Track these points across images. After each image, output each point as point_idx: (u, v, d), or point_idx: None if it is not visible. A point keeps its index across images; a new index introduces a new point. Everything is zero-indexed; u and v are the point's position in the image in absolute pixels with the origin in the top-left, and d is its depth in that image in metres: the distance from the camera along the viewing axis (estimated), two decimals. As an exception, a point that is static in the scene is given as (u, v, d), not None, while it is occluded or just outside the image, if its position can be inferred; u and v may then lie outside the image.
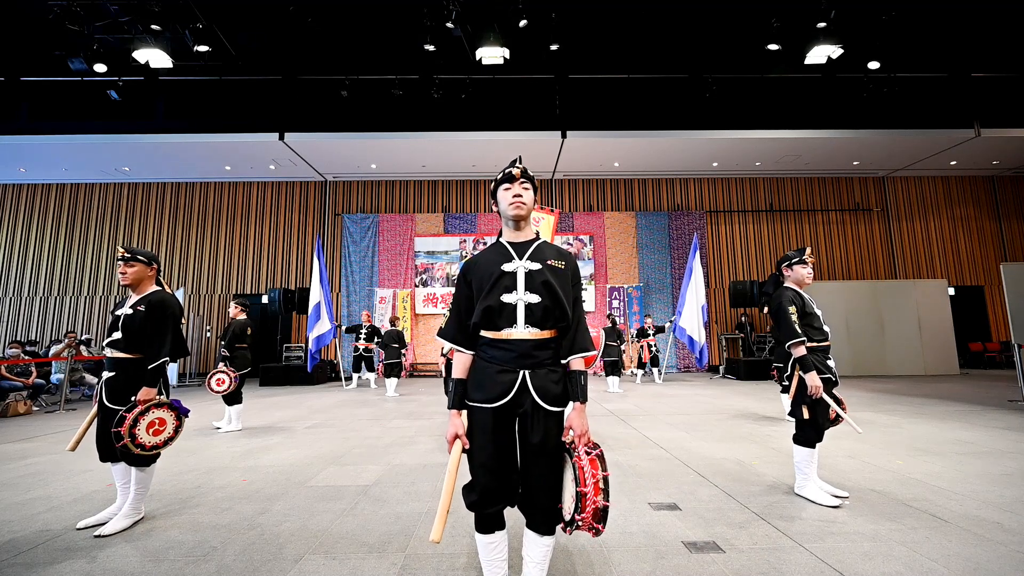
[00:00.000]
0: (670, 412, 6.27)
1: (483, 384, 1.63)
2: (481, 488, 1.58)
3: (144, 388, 2.60)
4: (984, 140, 10.98)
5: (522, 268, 1.69)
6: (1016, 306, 6.70)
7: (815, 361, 2.87)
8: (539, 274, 1.67)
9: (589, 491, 1.44)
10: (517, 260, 1.71)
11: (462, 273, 1.77)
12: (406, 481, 3.38)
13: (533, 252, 1.73)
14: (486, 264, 1.73)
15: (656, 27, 9.45)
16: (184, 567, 2.15)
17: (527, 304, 1.64)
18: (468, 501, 1.61)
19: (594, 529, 1.48)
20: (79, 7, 7.78)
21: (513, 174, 1.71)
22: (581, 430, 1.58)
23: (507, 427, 1.62)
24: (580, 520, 1.47)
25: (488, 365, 1.65)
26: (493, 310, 1.65)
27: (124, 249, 2.77)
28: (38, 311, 12.75)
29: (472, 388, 1.66)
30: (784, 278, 3.14)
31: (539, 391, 1.60)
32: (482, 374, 1.65)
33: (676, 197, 13.45)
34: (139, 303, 2.71)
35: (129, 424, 2.49)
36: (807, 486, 2.88)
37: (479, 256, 1.78)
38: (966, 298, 13.06)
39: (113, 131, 10.47)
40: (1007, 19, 9.12)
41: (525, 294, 1.65)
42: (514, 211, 1.71)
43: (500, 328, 1.65)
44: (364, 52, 9.95)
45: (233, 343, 5.58)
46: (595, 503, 1.45)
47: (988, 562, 2.08)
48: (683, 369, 12.58)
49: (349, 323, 11.99)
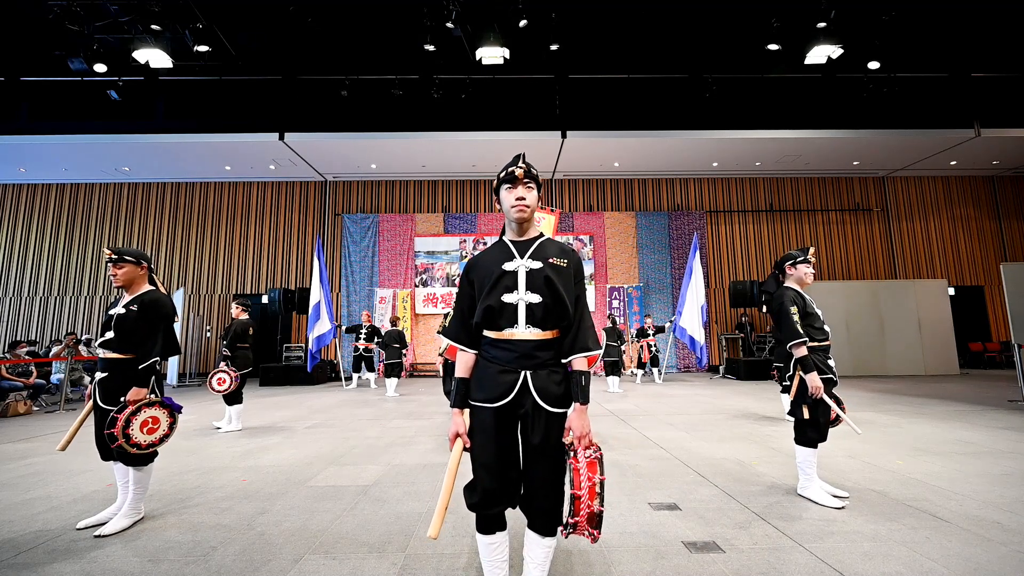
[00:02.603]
0: (670, 412, 6.27)
1: (485, 384, 1.62)
2: (482, 489, 1.57)
3: (134, 388, 2.59)
4: (984, 140, 10.98)
5: (523, 267, 1.66)
6: (1016, 306, 6.70)
7: (816, 361, 2.87)
8: (540, 272, 1.64)
9: (583, 494, 1.42)
10: (518, 259, 1.68)
11: (464, 272, 1.76)
12: (406, 481, 3.38)
13: (535, 250, 1.70)
14: (488, 263, 1.71)
15: (656, 27, 9.45)
16: (184, 567, 2.15)
17: (528, 304, 1.62)
18: (469, 502, 1.59)
19: (590, 535, 1.47)
20: (79, 7, 7.78)
21: (516, 174, 1.64)
22: (581, 432, 1.55)
23: (509, 427, 1.61)
24: (574, 523, 1.46)
25: (490, 365, 1.64)
26: (494, 310, 1.63)
27: (110, 250, 2.73)
28: (38, 311, 12.75)
29: (474, 387, 1.65)
30: (786, 277, 3.13)
31: (540, 392, 1.57)
32: (484, 373, 1.64)
33: (676, 197, 13.45)
34: (132, 303, 2.69)
35: (121, 425, 2.48)
36: (810, 487, 2.87)
37: (481, 255, 1.76)
38: (966, 298, 13.06)
39: (113, 131, 10.47)
40: (1007, 19, 9.12)
41: (526, 293, 1.63)
42: (517, 214, 1.67)
43: (501, 328, 1.63)
44: (364, 52, 9.95)
45: (235, 343, 5.58)
46: (589, 507, 1.43)
47: (988, 562, 2.08)
48: (683, 369, 12.57)
49: (349, 323, 11.99)
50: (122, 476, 2.65)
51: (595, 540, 1.49)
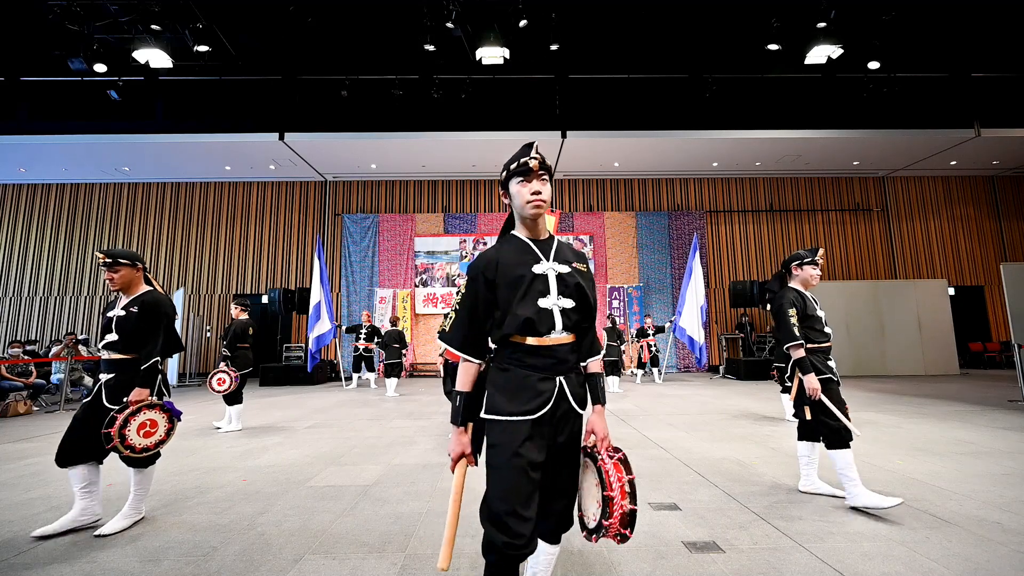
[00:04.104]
0: (670, 412, 6.27)
1: (523, 394, 1.45)
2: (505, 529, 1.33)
3: (137, 389, 2.58)
4: (984, 140, 10.98)
5: (552, 270, 1.54)
6: (1016, 306, 6.70)
7: (815, 362, 2.87)
8: (570, 277, 1.55)
9: (616, 495, 1.40)
10: (545, 261, 1.54)
11: (479, 271, 1.53)
12: (406, 481, 3.38)
13: (556, 253, 1.58)
14: (511, 264, 1.52)
15: (656, 27, 9.45)
16: (184, 567, 2.15)
17: (562, 309, 1.52)
18: (489, 557, 1.37)
19: (621, 536, 1.42)
20: (79, 7, 7.78)
21: (530, 166, 1.49)
22: (603, 433, 1.52)
23: (541, 439, 1.46)
24: (608, 526, 1.41)
25: (529, 374, 1.48)
26: (533, 318, 1.48)
27: (103, 254, 2.66)
28: (38, 311, 12.75)
29: (504, 400, 1.45)
30: (791, 277, 3.11)
31: (574, 396, 1.52)
32: (521, 384, 1.47)
33: (676, 197, 13.45)
34: (132, 304, 2.68)
35: (119, 425, 2.46)
36: (859, 493, 2.65)
37: (497, 255, 1.55)
38: (966, 298, 13.06)
39: (113, 131, 10.47)
40: (1007, 19, 9.12)
41: (559, 299, 1.51)
42: (533, 210, 1.52)
43: (541, 335, 1.49)
44: (364, 52, 9.95)
45: (235, 343, 5.58)
46: (622, 507, 1.40)
47: (988, 562, 2.08)
48: (683, 369, 12.57)
49: (349, 323, 11.99)
50: (80, 481, 2.55)
51: (624, 540, 1.43)
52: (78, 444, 2.53)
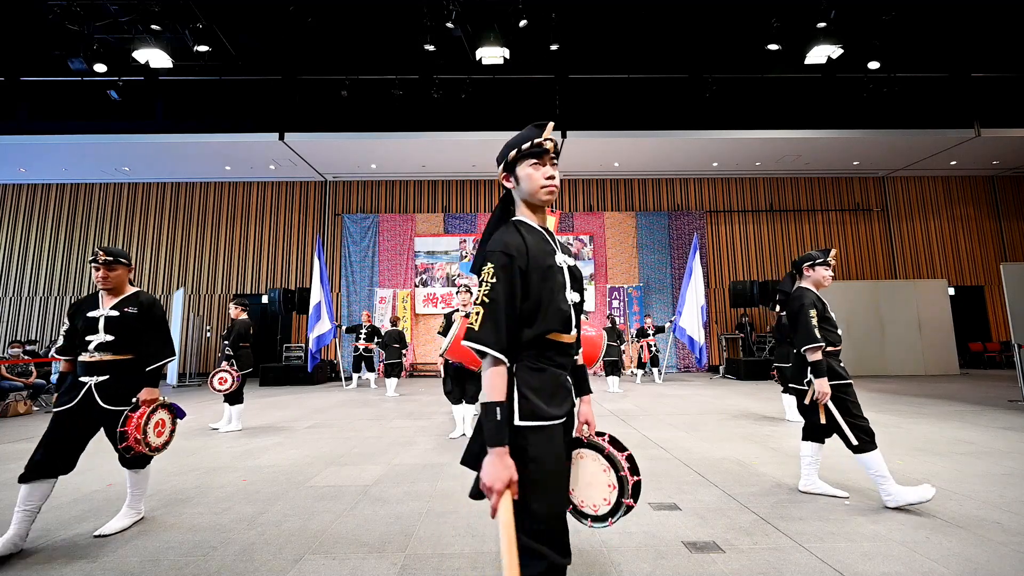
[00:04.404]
0: (670, 412, 6.27)
1: (558, 395, 1.33)
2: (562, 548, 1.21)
3: (146, 388, 2.58)
4: (984, 140, 10.98)
5: (565, 262, 1.43)
6: (1016, 306, 6.70)
7: (833, 365, 2.85)
8: (576, 271, 1.48)
9: (625, 473, 1.44)
10: (558, 252, 1.43)
11: (509, 259, 1.29)
12: (406, 481, 3.38)
13: (560, 244, 1.48)
14: (539, 253, 1.36)
15: (656, 27, 9.45)
16: (184, 567, 2.15)
17: (574, 304, 1.44)
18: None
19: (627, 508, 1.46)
20: (79, 7, 7.78)
21: (546, 147, 1.37)
22: (594, 421, 1.54)
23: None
24: (628, 504, 1.43)
25: (559, 372, 1.37)
26: (565, 313, 1.37)
27: (103, 251, 2.58)
28: (38, 311, 12.75)
29: (544, 403, 1.28)
30: (803, 277, 3.08)
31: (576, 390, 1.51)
32: (556, 384, 1.34)
33: (676, 197, 13.45)
34: (127, 304, 2.62)
35: (141, 424, 2.46)
36: (895, 492, 2.63)
37: (521, 241, 1.34)
38: (966, 298, 13.06)
39: (113, 131, 10.47)
40: (1007, 19, 9.12)
41: (571, 293, 1.42)
42: (547, 196, 1.39)
43: (570, 331, 1.40)
44: (364, 52, 9.95)
45: (237, 342, 5.58)
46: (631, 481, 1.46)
47: (988, 562, 2.08)
48: (683, 369, 12.57)
49: (349, 323, 11.99)
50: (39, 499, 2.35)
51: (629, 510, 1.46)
52: (56, 455, 2.38)
